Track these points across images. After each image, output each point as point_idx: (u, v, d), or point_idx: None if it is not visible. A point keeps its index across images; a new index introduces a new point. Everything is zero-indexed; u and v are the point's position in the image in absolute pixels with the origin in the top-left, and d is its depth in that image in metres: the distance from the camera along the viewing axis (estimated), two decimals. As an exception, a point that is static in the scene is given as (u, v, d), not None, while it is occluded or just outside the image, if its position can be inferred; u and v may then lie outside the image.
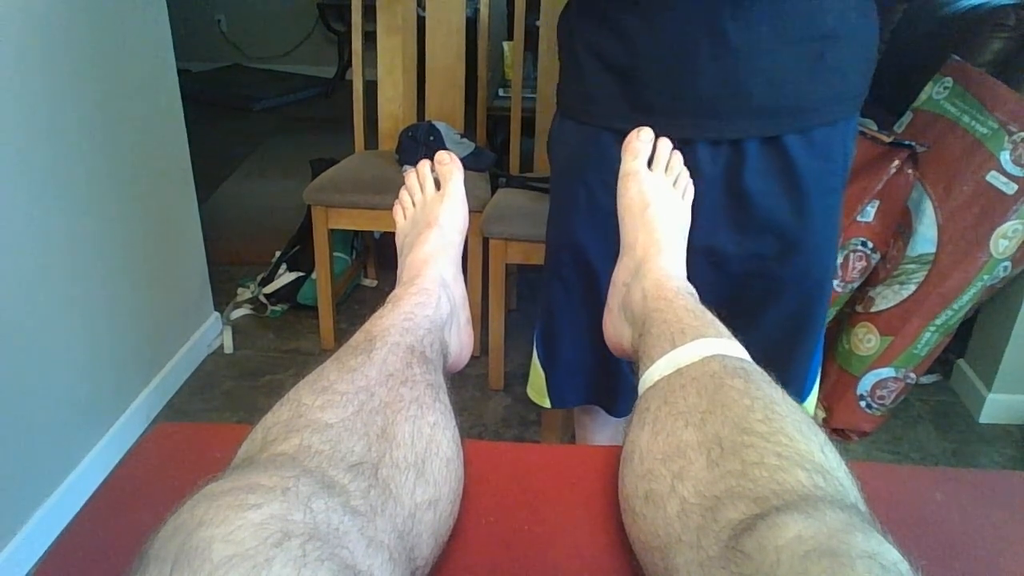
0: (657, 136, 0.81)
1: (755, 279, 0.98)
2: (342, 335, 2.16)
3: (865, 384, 1.82)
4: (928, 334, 1.75)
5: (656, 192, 0.77)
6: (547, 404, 1.20)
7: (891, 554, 0.38)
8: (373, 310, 0.63)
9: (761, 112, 0.87)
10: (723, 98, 0.86)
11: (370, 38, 2.15)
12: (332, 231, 2.06)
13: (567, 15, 0.98)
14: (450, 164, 0.80)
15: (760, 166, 0.90)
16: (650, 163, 0.80)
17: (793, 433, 0.48)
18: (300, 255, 2.36)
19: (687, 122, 0.88)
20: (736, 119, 0.87)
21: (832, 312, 1.85)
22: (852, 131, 0.95)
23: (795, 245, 0.95)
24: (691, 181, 0.82)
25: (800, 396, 1.08)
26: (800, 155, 0.90)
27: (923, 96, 1.84)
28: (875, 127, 1.83)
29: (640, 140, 0.79)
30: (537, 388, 1.21)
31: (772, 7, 0.82)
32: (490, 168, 2.15)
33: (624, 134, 0.85)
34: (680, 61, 0.84)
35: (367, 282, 2.57)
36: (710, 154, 0.90)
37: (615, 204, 0.82)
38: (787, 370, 1.03)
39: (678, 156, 0.82)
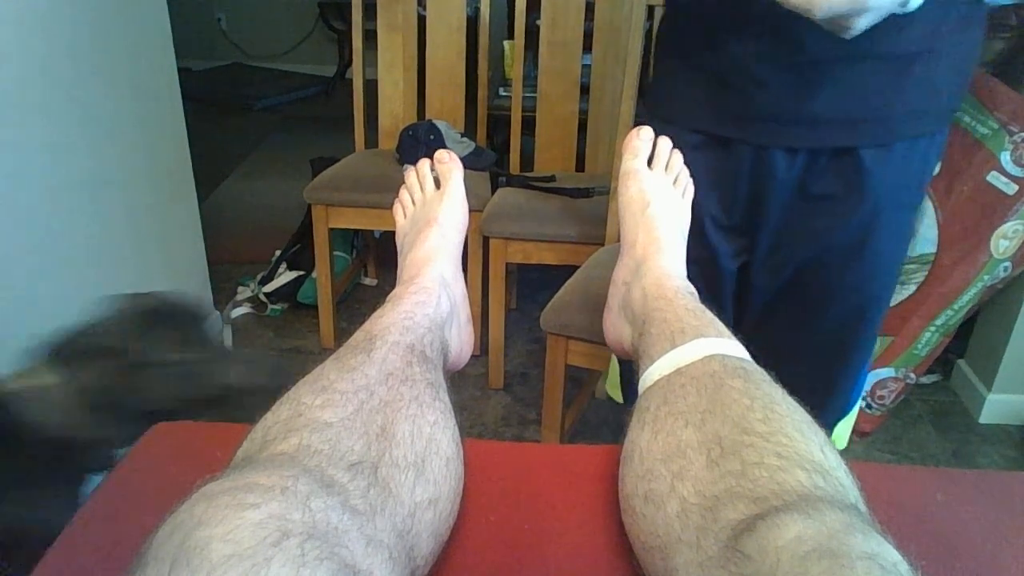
0: (736, 140, 0.82)
1: (812, 283, 0.96)
2: (342, 334, 2.16)
3: (865, 384, 1.81)
4: (928, 334, 1.75)
5: (656, 191, 0.77)
6: (621, 399, 1.22)
7: (891, 554, 0.38)
8: (373, 309, 0.63)
9: (837, 123, 0.85)
10: (799, 107, 0.84)
11: (371, 37, 2.15)
12: (332, 230, 2.06)
13: (666, 17, 0.99)
14: (450, 163, 0.80)
15: (834, 176, 0.88)
16: (651, 162, 0.80)
17: (793, 433, 0.48)
18: (300, 254, 2.36)
19: (762, 128, 0.87)
20: (811, 128, 0.86)
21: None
22: (937, 146, 0.91)
23: (858, 254, 0.93)
24: (691, 180, 0.83)
25: (842, 412, 1.07)
26: (876, 168, 0.87)
27: (924, 96, 1.84)
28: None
29: (640, 139, 0.79)
30: (613, 383, 1.22)
31: None
32: (490, 167, 2.15)
33: (706, 135, 0.89)
34: (758, 69, 0.84)
35: (367, 281, 2.57)
36: (785, 161, 0.88)
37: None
38: (832, 383, 1.02)
39: (678, 155, 0.82)
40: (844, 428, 1.10)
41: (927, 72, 0.82)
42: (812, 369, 0.99)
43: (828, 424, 1.04)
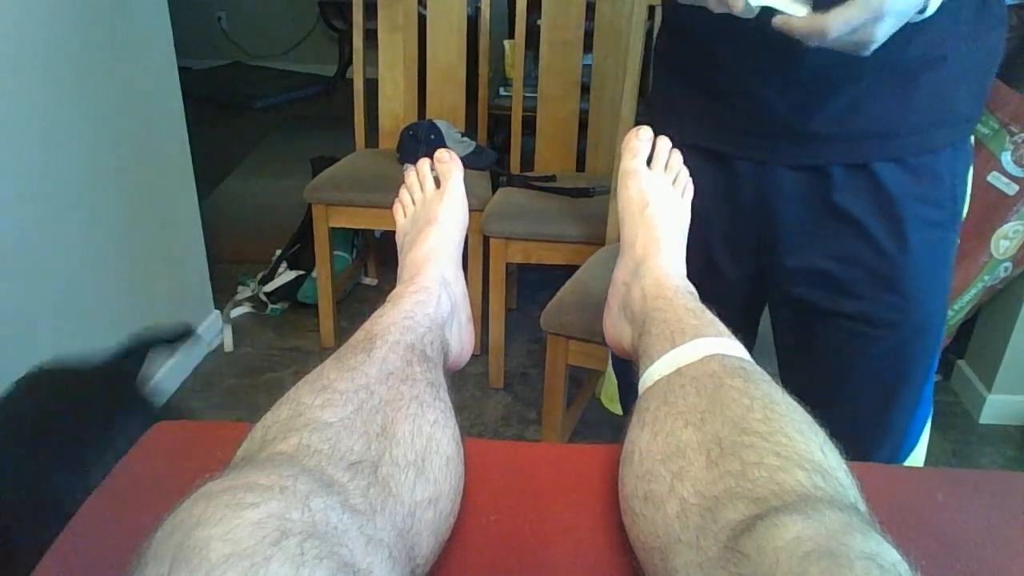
0: (736, 156, 0.79)
1: (843, 318, 0.88)
2: (342, 333, 2.16)
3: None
4: (929, 334, 1.75)
5: (655, 191, 0.77)
6: (619, 411, 1.19)
7: (890, 555, 0.38)
8: (373, 308, 0.63)
9: (841, 139, 0.80)
10: (799, 123, 0.80)
11: (371, 36, 2.15)
12: (332, 229, 2.06)
13: (663, 34, 0.95)
14: (449, 162, 0.80)
15: (850, 190, 0.82)
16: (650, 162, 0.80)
17: (792, 433, 0.48)
18: (300, 253, 2.36)
19: (762, 144, 0.83)
20: (814, 144, 0.81)
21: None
22: (963, 158, 0.84)
23: (890, 283, 0.85)
24: (690, 180, 0.82)
25: (900, 451, 0.96)
26: (894, 183, 0.81)
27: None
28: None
29: (639, 139, 0.79)
30: (610, 395, 1.21)
31: None
32: (491, 167, 2.15)
33: (703, 151, 0.86)
34: (756, 84, 0.81)
35: (367, 280, 2.57)
36: (791, 176, 0.84)
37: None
38: (882, 424, 0.94)
39: (677, 155, 0.82)
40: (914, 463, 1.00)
41: (937, 81, 0.78)
42: (858, 408, 0.92)
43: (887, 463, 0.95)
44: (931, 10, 0.64)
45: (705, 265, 0.91)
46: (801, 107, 0.79)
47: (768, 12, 0.64)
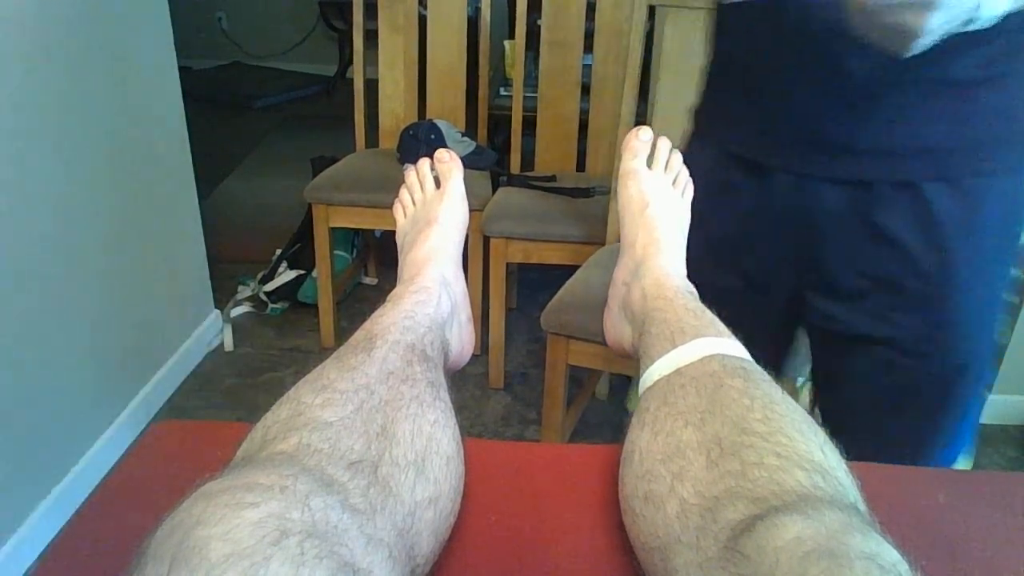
0: (776, 168, 0.76)
1: (874, 343, 0.83)
2: (342, 333, 2.16)
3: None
4: (929, 334, 1.75)
5: (655, 191, 0.77)
6: None
7: (890, 554, 0.38)
8: (373, 308, 0.63)
9: (887, 152, 0.75)
10: (843, 135, 0.76)
11: (371, 36, 2.15)
12: (333, 229, 2.06)
13: (711, 40, 0.91)
14: (449, 162, 0.80)
15: (895, 210, 0.77)
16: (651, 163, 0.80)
17: (792, 433, 0.48)
18: (300, 253, 2.36)
19: (803, 156, 0.80)
20: (857, 158, 0.76)
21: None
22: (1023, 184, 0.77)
23: (928, 312, 0.79)
24: (690, 179, 0.82)
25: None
26: (943, 207, 0.75)
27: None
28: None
29: (639, 139, 0.79)
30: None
31: None
32: (491, 167, 2.16)
33: (745, 161, 0.83)
34: (798, 91, 0.77)
35: (367, 280, 2.57)
36: (833, 192, 0.80)
37: (721, 227, 0.81)
38: (919, 449, 0.89)
39: (677, 155, 0.82)
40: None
41: (996, 100, 0.72)
42: (884, 439, 0.87)
43: None
44: (982, 22, 0.60)
45: (742, 279, 0.89)
46: (844, 118, 0.75)
47: None
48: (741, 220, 0.82)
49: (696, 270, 0.90)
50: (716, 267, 0.89)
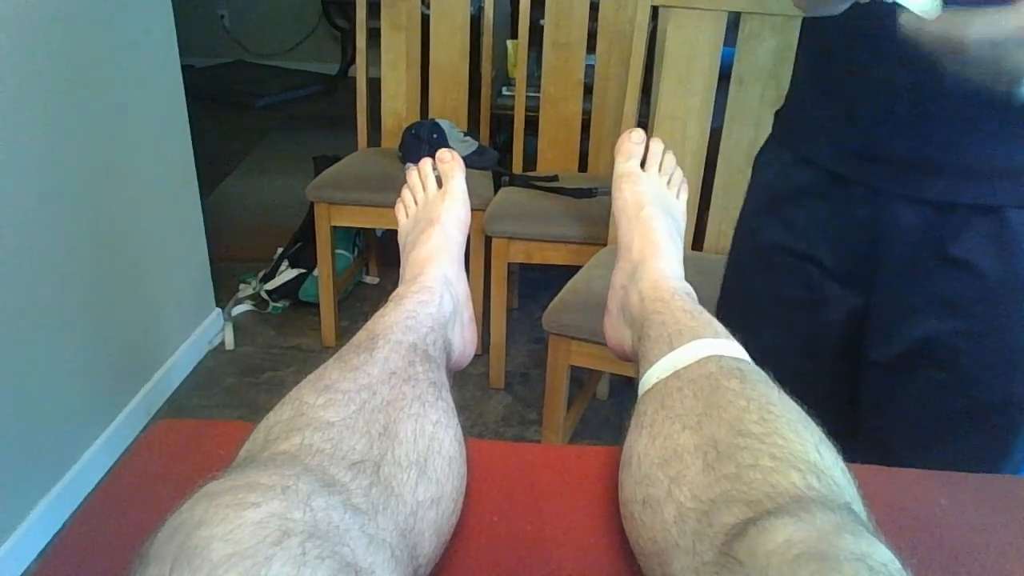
0: (852, 180, 0.74)
1: (944, 372, 0.79)
2: (343, 332, 2.16)
3: None
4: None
5: (651, 193, 0.77)
6: None
7: (881, 555, 0.38)
8: (375, 307, 0.63)
9: (974, 176, 0.72)
10: (927, 151, 0.73)
11: (374, 35, 2.15)
12: (334, 228, 2.06)
13: (800, 46, 0.89)
14: (451, 162, 0.80)
15: (973, 234, 0.73)
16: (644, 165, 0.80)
17: (788, 433, 0.48)
18: (302, 252, 2.37)
19: (881, 170, 0.76)
20: (942, 179, 0.73)
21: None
22: None
23: (1001, 346, 0.76)
24: (685, 180, 0.82)
25: None
26: None
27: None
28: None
29: (632, 142, 0.79)
30: None
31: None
32: (493, 167, 2.16)
33: (826, 172, 0.80)
34: (889, 103, 0.74)
35: (369, 279, 2.57)
36: (910, 212, 0.77)
37: (784, 234, 0.79)
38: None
39: (671, 156, 0.82)
40: None
41: None
42: (956, 459, 0.81)
43: None
44: None
45: (803, 289, 0.86)
46: (937, 137, 0.72)
47: (897, 7, 0.52)
48: (806, 229, 0.80)
49: (745, 276, 0.89)
50: (775, 274, 0.86)
